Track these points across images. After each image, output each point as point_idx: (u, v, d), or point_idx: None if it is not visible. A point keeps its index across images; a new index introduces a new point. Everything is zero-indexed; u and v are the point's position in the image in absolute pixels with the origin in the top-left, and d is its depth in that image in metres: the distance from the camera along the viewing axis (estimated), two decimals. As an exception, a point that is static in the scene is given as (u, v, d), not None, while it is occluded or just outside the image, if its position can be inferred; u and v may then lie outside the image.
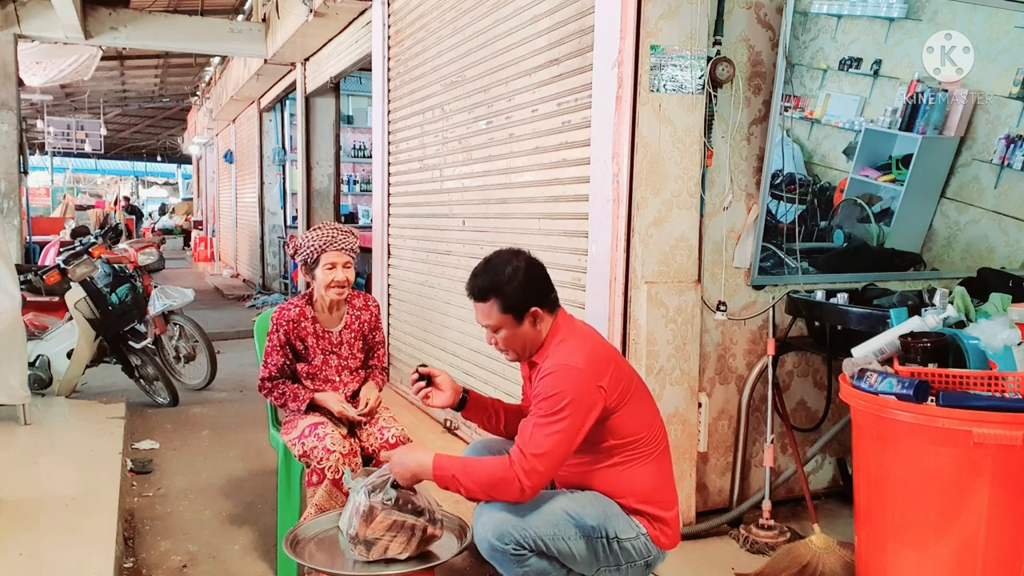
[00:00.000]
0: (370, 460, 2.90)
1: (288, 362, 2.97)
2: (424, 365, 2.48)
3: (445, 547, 2.28)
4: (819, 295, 3.22)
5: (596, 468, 2.22)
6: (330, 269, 2.89)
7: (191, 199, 26.11)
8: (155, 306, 5.61)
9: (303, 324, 2.96)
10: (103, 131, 19.41)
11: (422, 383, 2.42)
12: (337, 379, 3.04)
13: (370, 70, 6.21)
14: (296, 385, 2.98)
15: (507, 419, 2.47)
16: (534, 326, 2.23)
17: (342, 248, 2.91)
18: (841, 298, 3.14)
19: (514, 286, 2.20)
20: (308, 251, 2.90)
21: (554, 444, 2.06)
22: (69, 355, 5.18)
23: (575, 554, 2.15)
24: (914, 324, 2.65)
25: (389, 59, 5.87)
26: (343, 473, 2.68)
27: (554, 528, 2.12)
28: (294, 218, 11.09)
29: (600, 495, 2.21)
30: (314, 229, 2.94)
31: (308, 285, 3.02)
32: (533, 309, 2.22)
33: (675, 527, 2.29)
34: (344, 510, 2.27)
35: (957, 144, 3.64)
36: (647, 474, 2.23)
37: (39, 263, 7.86)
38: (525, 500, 2.06)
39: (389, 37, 5.86)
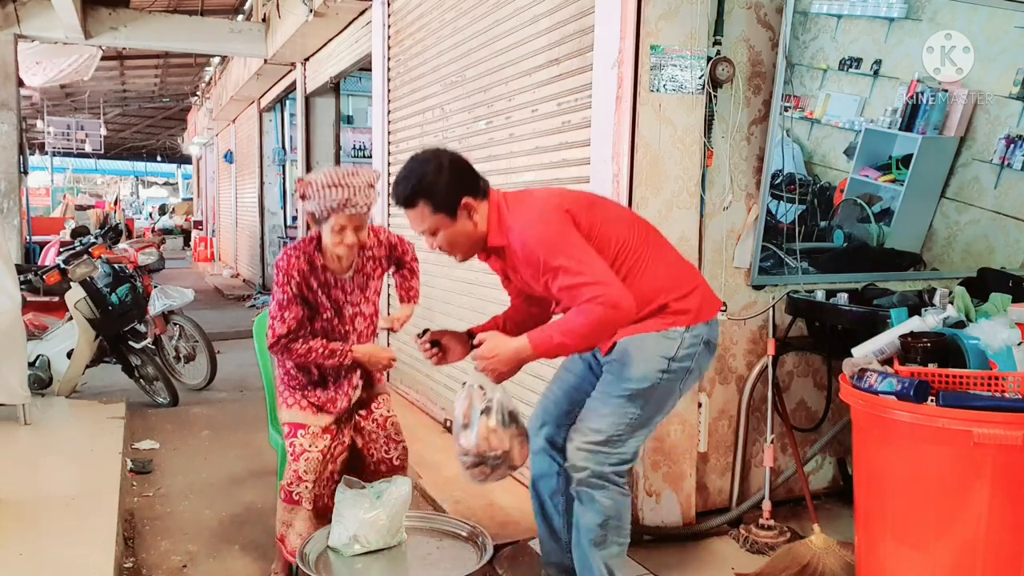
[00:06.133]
0: (362, 460, 2.81)
1: (307, 313, 2.58)
2: (427, 330, 2.44)
3: (464, 559, 2.29)
4: (819, 295, 3.22)
5: None
6: (338, 232, 2.47)
7: (191, 199, 26.12)
8: (155, 306, 5.61)
9: (313, 274, 2.59)
10: (103, 131, 19.41)
11: (434, 349, 2.42)
12: (350, 329, 2.71)
13: (370, 70, 6.20)
14: (325, 341, 2.59)
15: (516, 320, 2.49)
16: (470, 218, 2.21)
17: (356, 211, 2.45)
18: (841, 298, 3.14)
19: (441, 184, 2.17)
20: (319, 208, 2.45)
21: (591, 268, 2.10)
22: (69, 355, 5.18)
23: (653, 403, 2.29)
24: (914, 324, 2.65)
25: (389, 59, 5.87)
26: (313, 504, 2.59)
27: (614, 417, 2.25)
28: (294, 218, 11.10)
29: (617, 360, 2.28)
30: (333, 181, 2.42)
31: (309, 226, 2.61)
32: (464, 200, 2.18)
33: (708, 292, 2.38)
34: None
35: (957, 144, 3.64)
36: (657, 270, 2.29)
37: (39, 263, 7.86)
38: (627, 313, 2.10)
39: (389, 37, 5.86)
